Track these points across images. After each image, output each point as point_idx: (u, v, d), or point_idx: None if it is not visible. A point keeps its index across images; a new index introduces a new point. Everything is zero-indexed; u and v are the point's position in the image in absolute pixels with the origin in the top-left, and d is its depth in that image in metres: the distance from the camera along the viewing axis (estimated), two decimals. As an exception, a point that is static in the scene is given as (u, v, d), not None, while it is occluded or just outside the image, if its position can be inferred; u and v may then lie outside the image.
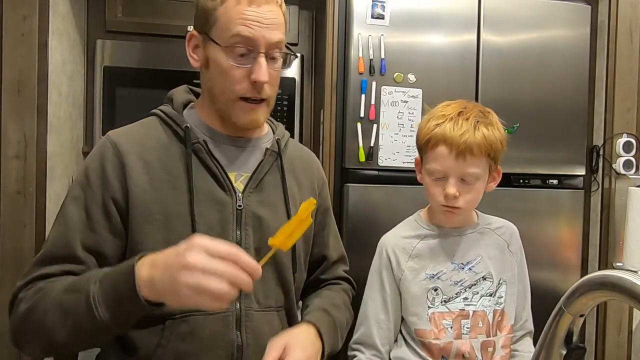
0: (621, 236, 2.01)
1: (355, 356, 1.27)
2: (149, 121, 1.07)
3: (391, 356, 1.28)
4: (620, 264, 2.01)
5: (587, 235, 2.15)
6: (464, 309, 1.23)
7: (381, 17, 1.88)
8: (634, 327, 2.10)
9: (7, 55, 1.55)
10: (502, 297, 1.25)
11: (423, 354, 1.23)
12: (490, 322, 1.23)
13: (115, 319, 0.84)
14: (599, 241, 2.13)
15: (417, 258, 1.25)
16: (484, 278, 1.25)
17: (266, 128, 1.16)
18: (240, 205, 1.03)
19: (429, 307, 1.22)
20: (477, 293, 1.24)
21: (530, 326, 1.32)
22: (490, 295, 1.25)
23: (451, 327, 1.22)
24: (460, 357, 1.21)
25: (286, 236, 0.87)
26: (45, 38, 1.61)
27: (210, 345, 0.98)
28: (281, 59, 1.03)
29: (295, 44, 2.28)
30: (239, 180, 1.05)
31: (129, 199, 0.98)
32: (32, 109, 1.57)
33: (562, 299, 0.65)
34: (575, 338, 0.66)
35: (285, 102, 2.18)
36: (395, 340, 1.29)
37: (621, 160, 2.07)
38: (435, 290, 1.23)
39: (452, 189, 1.17)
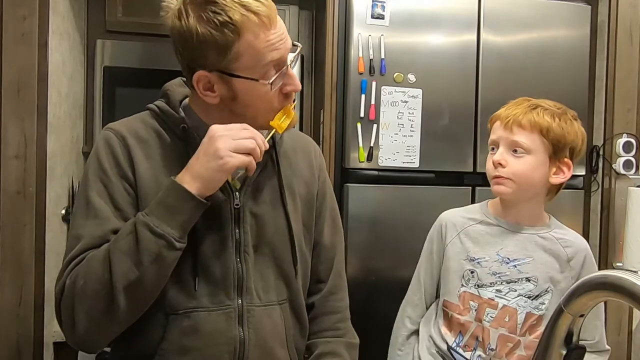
0: (621, 236, 2.01)
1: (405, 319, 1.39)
2: (147, 116, 1.06)
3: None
4: (620, 264, 2.01)
5: (587, 235, 2.15)
6: (493, 299, 1.26)
7: (381, 17, 1.88)
8: (634, 327, 2.10)
9: (7, 55, 1.55)
10: (544, 304, 1.25)
11: (442, 328, 1.30)
12: (520, 322, 1.24)
13: (176, 227, 0.91)
14: (599, 241, 2.13)
15: (465, 238, 1.31)
16: (527, 279, 1.26)
17: None
18: (237, 204, 1.03)
19: (462, 285, 1.28)
20: (515, 290, 1.25)
21: (602, 346, 1.29)
22: (530, 297, 1.25)
23: (475, 310, 1.26)
24: (474, 338, 1.26)
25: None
26: (45, 38, 1.60)
27: (213, 340, 0.99)
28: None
29: (295, 44, 2.27)
30: (235, 178, 1.04)
31: (138, 191, 0.99)
32: (32, 109, 1.57)
33: (562, 299, 0.65)
34: (575, 338, 0.66)
35: (285, 102, 2.18)
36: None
37: (621, 160, 2.07)
38: (472, 272, 1.28)
39: (498, 156, 1.25)
